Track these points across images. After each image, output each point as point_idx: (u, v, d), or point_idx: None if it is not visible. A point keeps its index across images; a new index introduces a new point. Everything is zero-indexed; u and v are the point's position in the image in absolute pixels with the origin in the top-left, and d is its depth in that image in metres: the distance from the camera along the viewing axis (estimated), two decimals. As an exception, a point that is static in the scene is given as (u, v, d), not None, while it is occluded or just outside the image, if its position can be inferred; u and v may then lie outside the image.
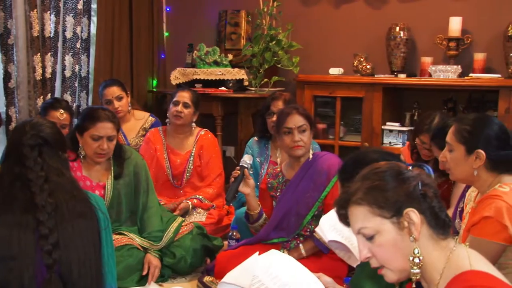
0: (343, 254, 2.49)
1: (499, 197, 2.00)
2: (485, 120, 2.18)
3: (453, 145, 2.16)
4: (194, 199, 3.65)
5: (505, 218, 1.95)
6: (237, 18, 5.11)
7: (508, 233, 1.96)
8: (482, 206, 2.04)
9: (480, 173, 2.12)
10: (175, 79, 4.93)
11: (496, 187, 2.06)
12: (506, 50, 4.08)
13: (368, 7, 4.70)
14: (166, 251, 3.11)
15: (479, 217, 2.01)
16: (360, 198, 1.45)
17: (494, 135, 2.11)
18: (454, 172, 2.20)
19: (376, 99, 4.26)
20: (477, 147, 2.10)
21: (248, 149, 3.78)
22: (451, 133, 2.18)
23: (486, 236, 1.98)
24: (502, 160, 2.10)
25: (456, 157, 2.15)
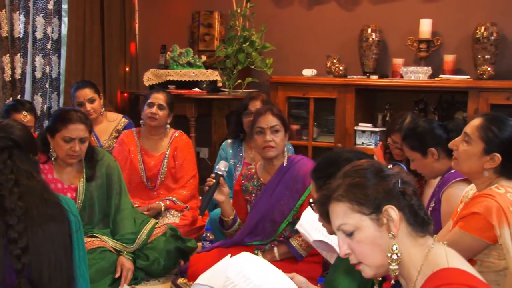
0: (326, 254, 2.50)
1: (492, 197, 2.02)
2: (511, 126, 2.15)
3: (472, 139, 2.13)
4: (168, 201, 3.64)
5: (494, 217, 1.97)
6: (210, 19, 5.10)
7: (493, 232, 1.98)
8: (474, 202, 2.06)
9: (486, 173, 2.12)
10: (148, 80, 4.90)
11: (493, 187, 2.08)
12: (475, 51, 4.16)
13: (341, 9, 4.74)
14: (139, 254, 3.09)
15: (469, 212, 2.03)
16: (341, 195, 1.47)
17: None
18: (462, 164, 2.17)
19: (349, 100, 4.29)
20: (496, 151, 2.09)
21: (222, 151, 3.77)
22: (474, 127, 2.14)
23: (470, 231, 2.00)
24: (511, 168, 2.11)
25: (471, 152, 2.13)
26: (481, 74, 4.02)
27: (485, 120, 2.14)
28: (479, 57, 4.13)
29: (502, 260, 2.01)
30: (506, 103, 3.91)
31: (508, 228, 1.97)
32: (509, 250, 1.97)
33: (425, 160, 2.68)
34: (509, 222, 1.97)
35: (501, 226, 1.97)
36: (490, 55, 4.11)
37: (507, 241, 1.97)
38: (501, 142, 2.09)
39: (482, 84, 3.96)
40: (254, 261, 2.10)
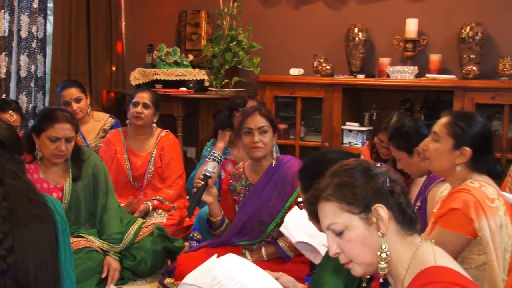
0: (309, 255, 2.50)
1: (468, 191, 2.05)
2: (479, 122, 2.20)
3: (441, 137, 2.17)
4: (155, 200, 3.63)
5: (472, 211, 2.00)
6: (197, 18, 5.09)
7: (473, 226, 2.01)
8: (451, 198, 2.09)
9: (459, 169, 2.15)
10: (135, 79, 4.88)
11: (467, 182, 2.10)
12: (460, 51, 4.19)
13: (328, 8, 4.75)
14: (126, 253, 3.08)
15: (447, 209, 2.05)
16: (330, 195, 1.47)
17: (484, 138, 2.16)
18: (433, 162, 2.20)
19: (336, 100, 4.31)
20: (465, 145, 2.12)
21: (205, 152, 3.74)
22: (442, 125, 2.18)
23: (452, 228, 2.02)
24: (483, 162, 2.15)
25: (441, 149, 2.16)
26: (466, 74, 4.05)
27: (452, 117, 2.18)
28: (464, 57, 4.16)
29: (482, 255, 2.04)
30: (491, 102, 3.95)
31: (486, 221, 2.00)
32: (489, 242, 2.00)
33: (411, 160, 2.69)
34: (486, 215, 2.00)
35: (479, 219, 2.00)
36: (475, 55, 4.14)
37: (486, 234, 2.00)
38: (469, 136, 2.13)
39: (467, 83, 3.99)
40: (240, 262, 2.10)
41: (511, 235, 2.06)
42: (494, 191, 2.08)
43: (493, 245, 2.00)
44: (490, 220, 2.00)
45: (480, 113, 4.08)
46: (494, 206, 2.03)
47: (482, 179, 2.13)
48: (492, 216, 2.01)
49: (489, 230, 2.00)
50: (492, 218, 2.01)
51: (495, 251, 2.00)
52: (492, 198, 2.04)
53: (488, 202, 2.02)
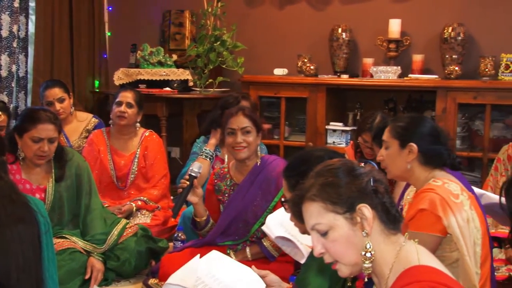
0: (290, 250, 2.51)
1: (433, 190, 2.08)
2: (419, 118, 2.31)
3: (388, 142, 2.24)
4: (139, 201, 3.61)
5: (439, 209, 2.04)
6: (181, 18, 5.08)
7: (442, 224, 2.04)
8: (417, 199, 2.12)
9: (413, 167, 2.20)
10: (118, 79, 4.86)
11: (430, 181, 2.14)
12: (442, 51, 4.23)
13: (311, 9, 4.77)
14: (110, 254, 3.06)
15: (415, 211, 2.08)
16: (314, 195, 1.47)
17: (427, 132, 2.22)
18: (390, 168, 2.26)
19: (320, 99, 4.32)
20: (410, 141, 2.18)
21: (195, 146, 3.76)
22: (387, 131, 2.26)
23: (423, 229, 2.04)
24: (433, 155, 2.20)
25: (391, 153, 2.23)
26: (449, 74, 4.09)
27: (393, 122, 2.28)
28: (447, 57, 4.20)
29: (454, 252, 2.07)
30: (473, 102, 3.99)
31: (453, 217, 2.03)
32: (459, 238, 2.03)
33: None
34: (453, 211, 2.04)
35: (447, 216, 2.03)
36: (458, 55, 4.18)
37: (455, 230, 2.03)
38: (411, 133, 2.20)
39: (450, 83, 4.03)
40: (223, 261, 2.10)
41: (479, 228, 2.10)
42: (457, 186, 2.12)
43: (463, 240, 2.04)
44: (457, 216, 2.04)
45: (463, 113, 4.15)
46: (459, 201, 2.07)
47: (444, 176, 2.17)
48: (459, 211, 2.05)
49: (457, 225, 2.03)
50: (459, 214, 2.05)
51: (466, 245, 2.04)
52: (456, 194, 2.08)
53: (453, 198, 2.06)
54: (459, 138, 4.14)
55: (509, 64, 3.99)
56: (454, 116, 3.96)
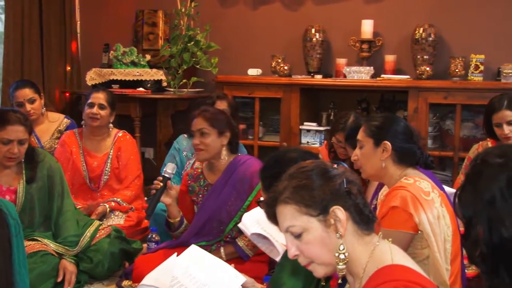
0: (265, 248, 2.51)
1: (404, 188, 2.11)
2: (393, 117, 2.35)
3: (362, 141, 2.27)
4: (112, 202, 3.58)
5: (410, 206, 2.06)
6: (155, 18, 5.05)
7: (413, 221, 2.06)
8: (389, 197, 2.14)
9: (387, 166, 2.23)
10: (90, 79, 4.81)
11: (402, 180, 2.17)
12: (414, 52, 4.28)
13: (285, 9, 4.78)
14: (82, 256, 3.03)
15: (387, 208, 2.11)
16: (288, 197, 1.47)
17: (400, 130, 2.25)
18: (365, 168, 2.29)
19: (294, 100, 4.34)
20: (384, 139, 2.22)
21: (176, 144, 3.76)
22: (361, 131, 2.29)
23: (395, 227, 2.07)
24: (406, 153, 2.23)
25: (366, 152, 2.26)
26: (420, 74, 4.14)
27: (366, 122, 2.31)
28: (418, 58, 4.25)
29: (425, 249, 2.10)
30: (444, 102, 4.06)
31: (424, 214, 2.07)
32: (430, 235, 2.07)
33: None
34: (424, 208, 2.07)
35: (418, 213, 2.06)
36: (429, 56, 4.24)
37: (426, 226, 2.06)
38: (385, 131, 2.23)
39: (421, 83, 4.08)
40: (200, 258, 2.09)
41: (449, 225, 2.14)
42: (428, 184, 2.15)
43: (434, 237, 2.07)
44: (428, 213, 2.07)
45: (434, 112, 4.21)
46: (430, 198, 2.10)
47: (416, 174, 2.21)
48: (430, 208, 2.08)
49: (428, 222, 2.07)
50: (429, 211, 2.08)
51: (436, 242, 2.07)
52: (427, 191, 2.12)
53: (424, 196, 2.09)
54: (431, 138, 4.20)
55: (478, 65, 4.06)
56: (426, 116, 4.02)
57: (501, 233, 1.43)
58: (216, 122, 2.90)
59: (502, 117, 3.15)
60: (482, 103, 3.67)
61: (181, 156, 3.70)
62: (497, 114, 3.17)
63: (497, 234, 1.44)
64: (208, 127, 2.89)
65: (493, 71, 4.15)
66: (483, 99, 3.67)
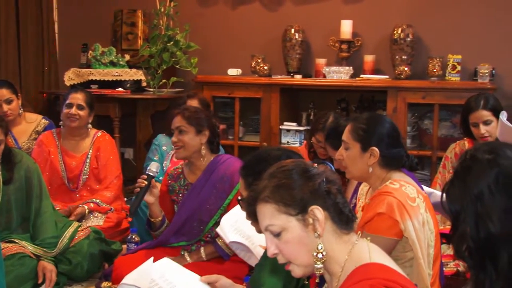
0: (244, 255, 2.52)
1: (390, 194, 2.10)
2: (378, 119, 2.31)
3: (349, 144, 2.24)
4: (91, 203, 3.55)
5: (396, 213, 2.06)
6: (134, 18, 5.03)
7: (399, 227, 2.06)
8: (375, 202, 2.13)
9: (374, 169, 2.22)
10: (69, 79, 4.77)
11: (387, 183, 2.16)
12: (393, 52, 4.32)
13: (264, 9, 4.79)
14: (61, 258, 3.01)
15: (373, 214, 2.10)
16: (267, 196, 1.47)
17: (386, 133, 2.23)
18: (350, 169, 2.28)
19: (274, 100, 4.35)
20: (371, 145, 2.19)
21: (155, 141, 3.76)
22: (347, 132, 2.26)
23: (380, 233, 2.07)
24: (393, 157, 2.22)
25: (352, 155, 2.23)
26: (398, 74, 4.18)
27: (353, 123, 2.27)
28: (396, 58, 4.29)
29: (408, 252, 2.10)
30: (422, 101, 4.10)
31: (410, 221, 2.06)
32: (415, 241, 2.07)
33: None
34: (410, 215, 2.07)
35: (404, 220, 2.06)
36: (407, 56, 4.28)
37: (412, 233, 2.06)
38: (373, 136, 2.20)
39: (399, 83, 4.12)
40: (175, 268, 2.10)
41: (433, 230, 2.15)
42: (413, 189, 2.15)
43: (419, 243, 2.07)
44: (414, 220, 2.07)
45: (412, 112, 4.25)
46: (416, 205, 2.10)
47: (401, 177, 2.20)
48: (415, 215, 2.08)
49: (413, 229, 2.06)
50: (415, 218, 2.08)
51: (421, 249, 2.08)
52: (413, 197, 2.11)
53: (410, 202, 2.09)
54: (409, 137, 4.24)
55: (455, 65, 4.11)
56: (404, 115, 4.06)
57: (488, 228, 1.45)
58: (194, 120, 2.91)
59: (479, 117, 3.19)
60: (459, 103, 3.71)
61: (161, 151, 3.73)
62: (474, 114, 3.21)
63: (484, 229, 1.46)
64: (186, 125, 2.90)
65: (470, 71, 4.20)
66: (460, 99, 3.71)
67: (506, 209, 1.47)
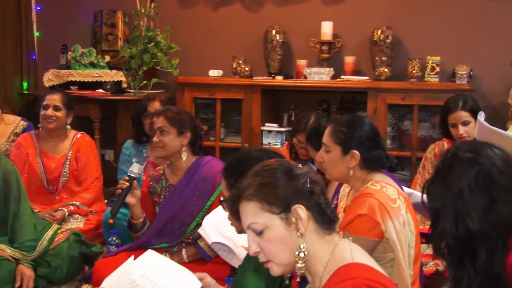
0: (226, 255, 2.52)
1: (372, 195, 2.12)
2: (358, 121, 2.31)
3: (329, 146, 2.25)
4: (71, 206, 3.53)
5: (377, 215, 2.07)
6: (114, 18, 5.00)
7: (380, 229, 2.08)
8: (357, 204, 2.15)
9: (354, 172, 2.23)
10: (48, 81, 4.72)
11: (368, 185, 2.18)
12: (373, 53, 4.35)
13: (245, 10, 4.80)
14: (40, 261, 2.97)
15: (354, 215, 2.11)
16: (251, 194, 1.48)
17: (366, 136, 2.24)
18: (331, 172, 2.29)
19: (255, 101, 4.35)
20: (352, 148, 2.20)
21: (125, 150, 3.73)
22: (327, 135, 2.27)
23: (361, 234, 2.08)
24: (373, 159, 2.24)
25: (333, 158, 2.24)
26: (378, 75, 4.21)
27: (333, 125, 2.28)
28: (376, 59, 4.32)
29: (388, 253, 2.12)
30: (402, 102, 4.13)
31: (391, 222, 2.08)
32: (395, 242, 2.08)
33: None
34: (391, 217, 2.08)
35: (385, 221, 2.07)
36: (387, 57, 4.31)
37: (393, 234, 2.08)
38: (353, 139, 2.21)
39: (379, 84, 4.15)
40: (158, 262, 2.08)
41: (413, 231, 2.16)
42: (394, 190, 2.16)
43: (400, 244, 2.09)
44: (395, 221, 2.09)
45: (392, 113, 4.28)
46: (396, 206, 2.11)
47: (382, 178, 2.22)
48: (396, 216, 2.10)
49: (394, 230, 2.08)
50: (396, 219, 2.09)
51: (402, 249, 2.09)
52: (393, 198, 2.13)
53: (391, 204, 2.10)
54: (389, 138, 4.27)
55: (434, 66, 4.16)
56: (384, 116, 4.09)
57: (467, 226, 1.47)
58: (176, 121, 2.91)
59: (457, 118, 3.23)
60: (438, 103, 3.74)
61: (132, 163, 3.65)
62: (453, 114, 3.24)
63: (463, 226, 1.48)
64: (168, 125, 2.90)
65: (448, 72, 4.25)
66: (439, 100, 3.75)
67: (485, 207, 1.49)
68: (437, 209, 1.54)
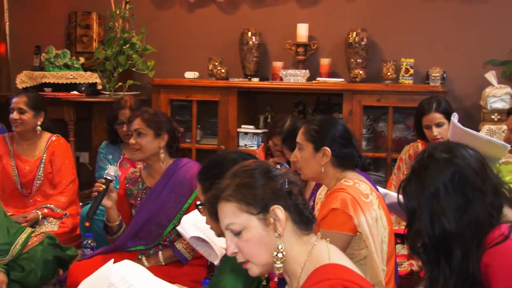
0: (204, 251, 2.51)
1: (344, 190, 2.16)
2: (331, 120, 2.37)
3: (302, 144, 2.30)
4: (45, 209, 3.48)
5: (350, 208, 2.11)
6: (88, 20, 4.95)
7: (353, 223, 2.11)
8: (330, 199, 2.19)
9: (327, 169, 2.27)
10: (21, 82, 4.66)
11: (342, 181, 2.22)
12: (348, 56, 4.38)
13: (221, 12, 4.80)
14: (13, 265, 2.93)
15: (328, 210, 2.15)
16: (229, 195, 1.48)
17: (338, 134, 2.29)
18: (304, 170, 2.32)
19: (231, 103, 4.35)
20: (323, 145, 2.25)
21: (102, 149, 3.70)
22: (301, 134, 2.32)
23: (335, 228, 2.11)
24: (345, 157, 2.28)
25: (305, 156, 2.29)
26: (354, 77, 4.25)
27: (306, 124, 2.34)
28: (352, 61, 4.36)
29: (362, 250, 2.16)
30: (377, 104, 4.17)
31: (363, 216, 2.12)
32: (368, 236, 2.13)
33: None
34: (363, 210, 2.13)
35: (357, 215, 2.12)
36: (362, 59, 4.35)
37: (365, 228, 2.12)
38: (324, 137, 2.27)
39: (355, 86, 4.19)
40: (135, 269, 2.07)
41: (386, 227, 2.21)
42: (367, 186, 2.21)
43: (372, 238, 2.13)
44: (367, 215, 2.13)
45: (368, 115, 4.32)
46: (369, 201, 2.16)
47: (355, 176, 2.26)
48: (368, 210, 2.14)
49: (367, 224, 2.12)
50: (368, 213, 2.13)
51: (374, 244, 2.13)
52: (366, 193, 2.18)
53: (363, 198, 2.15)
54: (365, 139, 4.31)
55: (408, 68, 4.20)
56: (360, 118, 4.12)
57: (443, 225, 1.49)
58: (153, 123, 2.89)
59: (431, 120, 3.27)
60: (412, 105, 3.79)
61: (110, 162, 3.64)
62: (427, 116, 3.29)
63: (439, 226, 1.50)
64: (145, 127, 2.88)
65: (422, 74, 4.31)
66: (414, 101, 3.80)
67: (460, 207, 1.51)
68: (413, 209, 1.56)
